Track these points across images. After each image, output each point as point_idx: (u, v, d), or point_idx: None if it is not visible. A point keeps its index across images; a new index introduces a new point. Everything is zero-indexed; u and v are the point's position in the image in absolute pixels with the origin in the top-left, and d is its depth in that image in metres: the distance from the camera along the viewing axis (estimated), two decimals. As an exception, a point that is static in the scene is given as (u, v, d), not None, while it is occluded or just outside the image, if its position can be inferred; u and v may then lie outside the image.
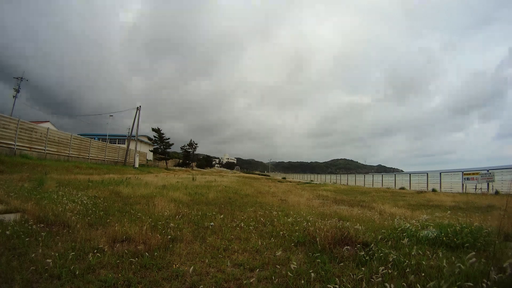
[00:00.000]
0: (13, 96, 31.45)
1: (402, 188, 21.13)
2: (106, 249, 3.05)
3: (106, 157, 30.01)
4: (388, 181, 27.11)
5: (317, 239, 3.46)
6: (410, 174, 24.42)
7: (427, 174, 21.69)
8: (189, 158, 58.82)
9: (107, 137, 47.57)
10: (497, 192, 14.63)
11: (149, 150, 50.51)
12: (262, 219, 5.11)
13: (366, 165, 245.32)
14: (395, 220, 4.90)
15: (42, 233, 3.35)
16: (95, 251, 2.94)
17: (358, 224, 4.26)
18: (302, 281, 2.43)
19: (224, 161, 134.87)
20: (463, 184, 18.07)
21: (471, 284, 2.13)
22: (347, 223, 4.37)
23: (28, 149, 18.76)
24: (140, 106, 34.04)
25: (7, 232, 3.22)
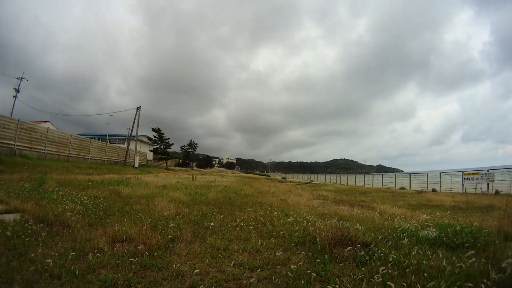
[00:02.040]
0: (13, 96, 31.47)
1: (402, 188, 21.11)
2: (106, 249, 3.05)
3: (106, 157, 30.01)
4: (388, 181, 27.11)
5: (317, 239, 3.45)
6: (410, 174, 24.41)
7: (427, 174, 21.69)
8: (189, 158, 58.89)
9: (107, 137, 47.58)
10: (497, 192, 14.62)
11: (149, 150, 50.51)
12: (262, 219, 5.11)
13: (366, 165, 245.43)
14: (395, 220, 4.89)
15: (42, 233, 3.34)
16: (95, 251, 2.94)
17: (358, 224, 4.26)
18: (302, 281, 2.43)
19: (224, 161, 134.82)
20: (463, 184, 18.06)
21: (471, 284, 2.13)
22: (347, 223, 4.38)
23: (28, 149, 18.76)
24: (140, 107, 34.07)
25: (7, 232, 3.21)
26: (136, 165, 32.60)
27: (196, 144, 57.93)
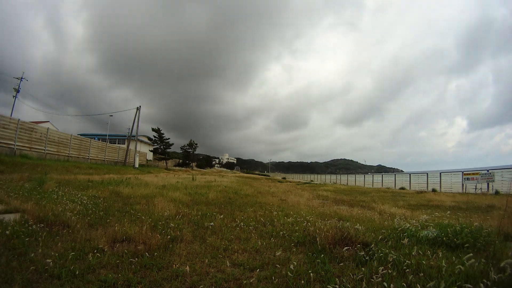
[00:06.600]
0: (13, 96, 31.46)
1: (402, 188, 21.13)
2: (106, 249, 3.05)
3: (106, 157, 30.02)
4: (388, 181, 27.09)
5: (317, 239, 3.45)
6: (410, 174, 24.42)
7: (427, 174, 21.70)
8: (189, 158, 58.81)
9: (107, 137, 47.60)
10: (497, 192, 14.63)
11: (149, 150, 50.52)
12: (262, 219, 5.11)
13: (366, 165, 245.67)
14: (395, 220, 4.90)
15: (42, 233, 3.35)
16: (95, 251, 2.94)
17: (358, 224, 4.26)
18: (302, 281, 2.43)
19: (224, 161, 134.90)
20: (463, 184, 18.07)
21: (470, 284, 2.13)
22: (347, 223, 4.37)
23: (28, 149, 18.76)
24: (140, 106, 34.06)
25: (7, 232, 3.21)
26: (136, 165, 32.59)
27: (196, 144, 57.91)
